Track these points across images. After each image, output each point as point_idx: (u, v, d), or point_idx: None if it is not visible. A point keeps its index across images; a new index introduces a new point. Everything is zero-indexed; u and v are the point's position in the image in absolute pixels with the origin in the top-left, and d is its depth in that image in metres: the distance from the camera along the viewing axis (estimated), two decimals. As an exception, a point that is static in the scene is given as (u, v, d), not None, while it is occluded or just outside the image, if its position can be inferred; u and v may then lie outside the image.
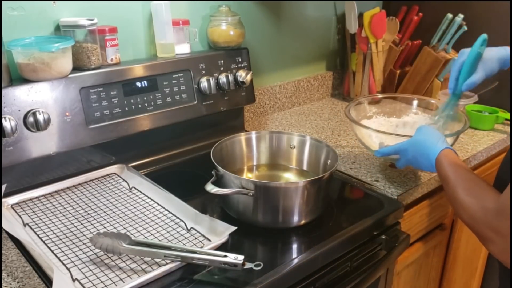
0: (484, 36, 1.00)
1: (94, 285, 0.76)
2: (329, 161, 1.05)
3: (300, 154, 1.13)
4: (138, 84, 1.13)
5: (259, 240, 0.93)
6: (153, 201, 1.02)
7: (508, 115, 1.48)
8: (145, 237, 0.89)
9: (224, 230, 0.87)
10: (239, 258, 0.76)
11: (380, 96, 1.35)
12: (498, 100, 1.51)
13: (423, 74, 1.60)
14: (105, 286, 0.76)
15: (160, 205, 1.00)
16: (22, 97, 0.96)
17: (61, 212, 0.97)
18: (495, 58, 1.00)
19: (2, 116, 0.93)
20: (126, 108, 1.12)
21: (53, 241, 0.88)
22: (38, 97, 0.98)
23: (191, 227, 0.91)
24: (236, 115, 1.41)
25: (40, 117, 0.97)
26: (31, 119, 0.96)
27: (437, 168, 0.92)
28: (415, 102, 1.30)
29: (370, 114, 1.29)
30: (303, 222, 0.95)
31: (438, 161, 0.91)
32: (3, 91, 0.94)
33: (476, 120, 1.48)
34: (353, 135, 1.42)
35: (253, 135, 1.13)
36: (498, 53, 1.01)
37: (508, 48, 1.02)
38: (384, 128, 1.19)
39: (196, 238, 0.89)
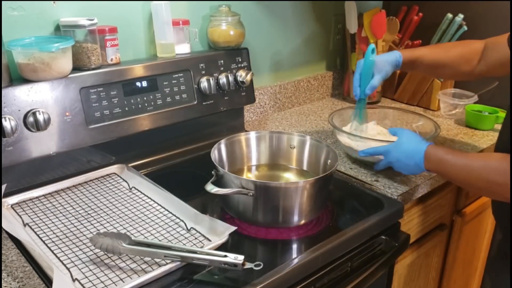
0: (372, 46, 1.13)
1: (94, 285, 0.76)
2: (329, 161, 1.05)
3: (300, 154, 1.13)
4: (138, 84, 1.13)
5: (259, 240, 0.93)
6: (153, 201, 1.02)
7: (508, 115, 1.49)
8: (145, 237, 0.89)
9: (224, 230, 0.87)
10: (239, 258, 0.76)
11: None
12: (498, 100, 1.51)
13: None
14: (105, 286, 0.76)
15: (160, 205, 1.00)
16: (22, 97, 0.96)
17: (61, 212, 0.97)
18: (386, 62, 1.15)
19: (2, 116, 0.93)
20: (126, 108, 1.12)
21: (53, 241, 0.88)
22: (38, 97, 0.98)
23: (191, 227, 0.91)
24: (236, 115, 1.41)
25: (40, 117, 0.97)
26: (31, 119, 0.96)
27: (429, 160, 0.99)
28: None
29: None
30: (303, 222, 0.95)
31: (429, 153, 0.99)
32: (3, 91, 0.94)
33: (476, 120, 1.48)
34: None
35: (253, 135, 1.13)
36: (388, 58, 1.15)
37: (396, 52, 1.16)
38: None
39: (196, 238, 0.89)
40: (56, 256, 0.83)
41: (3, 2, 0.98)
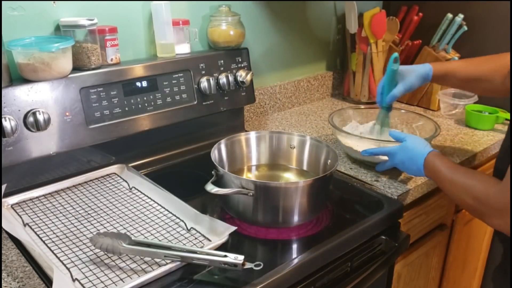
0: (395, 54, 1.12)
1: (94, 285, 0.76)
2: (329, 161, 1.05)
3: (300, 154, 1.13)
4: (138, 84, 1.13)
5: (259, 240, 0.93)
6: (153, 201, 1.02)
7: (508, 115, 1.48)
8: (145, 237, 0.89)
9: (224, 230, 0.87)
10: (239, 258, 0.76)
11: (363, 106, 1.43)
12: (498, 100, 1.51)
13: (423, 74, 1.60)
14: (105, 286, 0.76)
15: (160, 205, 1.00)
16: (22, 97, 0.96)
17: (61, 212, 0.97)
18: (414, 74, 1.13)
19: (2, 116, 0.93)
20: (126, 108, 1.12)
21: (53, 241, 0.88)
22: (38, 97, 0.98)
23: (191, 227, 0.91)
24: (236, 115, 1.41)
25: (40, 117, 0.97)
26: (31, 119, 0.96)
27: (427, 167, 0.99)
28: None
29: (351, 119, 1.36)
30: (303, 222, 0.95)
31: (427, 161, 0.99)
32: (3, 91, 0.94)
33: (476, 120, 1.48)
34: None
35: (253, 135, 1.13)
36: (417, 69, 1.14)
37: (427, 65, 1.14)
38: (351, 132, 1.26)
39: (196, 238, 0.89)
40: (56, 256, 0.83)
41: (3, 2, 0.98)
